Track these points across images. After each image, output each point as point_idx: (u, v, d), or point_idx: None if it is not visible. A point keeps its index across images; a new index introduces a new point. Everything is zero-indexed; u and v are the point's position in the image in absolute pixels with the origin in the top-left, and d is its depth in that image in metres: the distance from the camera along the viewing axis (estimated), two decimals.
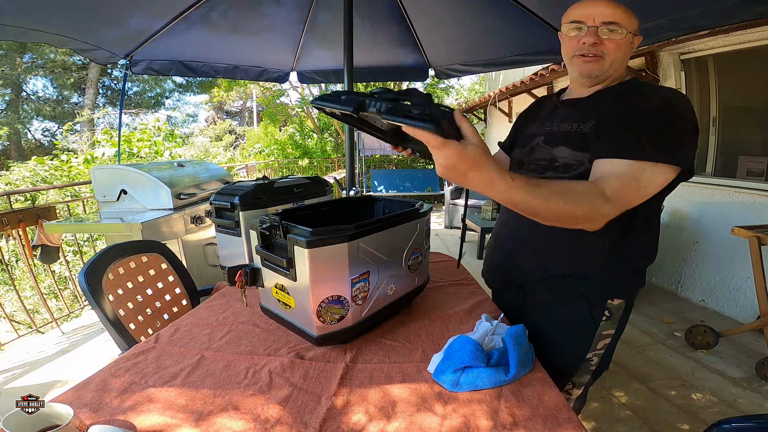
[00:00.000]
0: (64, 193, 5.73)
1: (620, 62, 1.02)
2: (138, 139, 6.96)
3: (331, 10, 2.82)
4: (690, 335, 2.68)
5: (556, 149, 1.07)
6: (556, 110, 1.15)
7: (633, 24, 1.00)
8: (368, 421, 0.78)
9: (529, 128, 1.23)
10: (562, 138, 1.07)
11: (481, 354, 0.89)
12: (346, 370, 0.94)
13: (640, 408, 2.04)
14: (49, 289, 4.85)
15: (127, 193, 2.50)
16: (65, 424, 0.65)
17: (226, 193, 1.39)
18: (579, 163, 1.01)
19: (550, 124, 1.13)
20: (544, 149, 1.11)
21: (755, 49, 3.04)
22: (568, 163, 1.03)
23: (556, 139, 1.09)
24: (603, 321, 1.10)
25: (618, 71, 1.04)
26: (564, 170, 1.04)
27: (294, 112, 14.26)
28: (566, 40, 1.05)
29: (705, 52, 3.41)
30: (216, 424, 0.76)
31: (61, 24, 2.24)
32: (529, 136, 1.20)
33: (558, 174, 1.05)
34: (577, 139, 1.03)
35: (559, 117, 1.12)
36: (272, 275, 1.01)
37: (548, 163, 1.09)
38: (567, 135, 1.06)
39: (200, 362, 0.98)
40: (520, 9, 2.55)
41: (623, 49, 1.00)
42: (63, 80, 15.21)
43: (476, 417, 0.78)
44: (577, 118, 1.05)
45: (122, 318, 1.34)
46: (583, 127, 1.02)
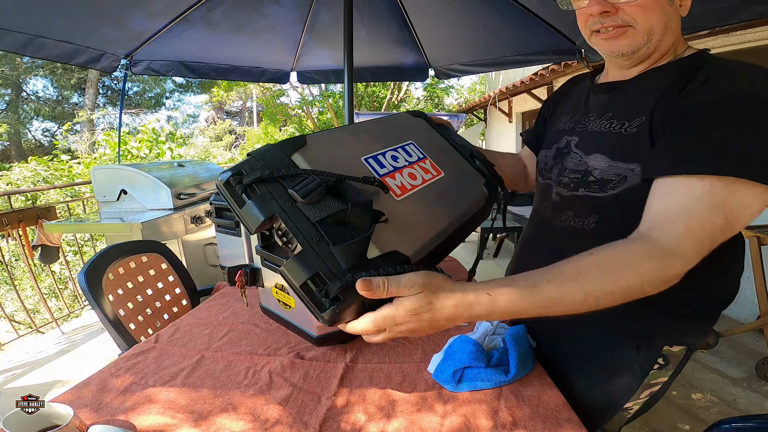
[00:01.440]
0: (65, 193, 5.73)
1: (661, 29, 0.74)
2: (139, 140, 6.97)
3: (331, 9, 2.82)
4: None
5: (590, 157, 0.80)
6: (590, 98, 0.88)
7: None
8: (368, 420, 0.78)
9: (557, 121, 0.96)
10: (598, 141, 0.80)
11: (481, 354, 0.89)
12: (346, 370, 0.94)
13: None
14: (49, 289, 4.86)
15: (127, 193, 2.50)
16: (65, 424, 0.65)
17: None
18: (620, 178, 0.75)
19: (585, 119, 0.86)
20: (575, 156, 0.84)
21: (755, 49, 3.04)
22: (605, 179, 0.77)
23: (591, 143, 0.82)
24: (654, 370, 0.84)
25: (666, 42, 0.76)
26: (600, 188, 0.79)
27: (294, 112, 14.26)
28: (578, 14, 0.81)
29: None
30: (216, 424, 0.76)
31: (61, 26, 2.25)
32: (556, 132, 0.94)
33: (592, 193, 0.80)
34: (617, 143, 0.76)
35: (596, 108, 0.85)
36: (272, 275, 1.01)
37: (580, 177, 0.82)
38: (604, 137, 0.79)
39: (200, 362, 0.98)
40: (520, 9, 2.55)
41: (656, 9, 0.72)
42: (63, 80, 15.22)
43: (476, 417, 0.78)
44: (619, 111, 0.79)
45: (122, 318, 1.34)
46: (628, 125, 0.75)
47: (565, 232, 0.87)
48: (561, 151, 0.89)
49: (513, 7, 2.55)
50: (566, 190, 0.86)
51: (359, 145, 0.71)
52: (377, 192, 0.61)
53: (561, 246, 0.84)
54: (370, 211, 0.54)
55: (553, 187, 0.91)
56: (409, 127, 0.84)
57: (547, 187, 0.94)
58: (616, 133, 0.77)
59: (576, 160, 0.84)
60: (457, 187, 0.74)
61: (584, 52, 2.73)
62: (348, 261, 0.51)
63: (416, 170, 0.73)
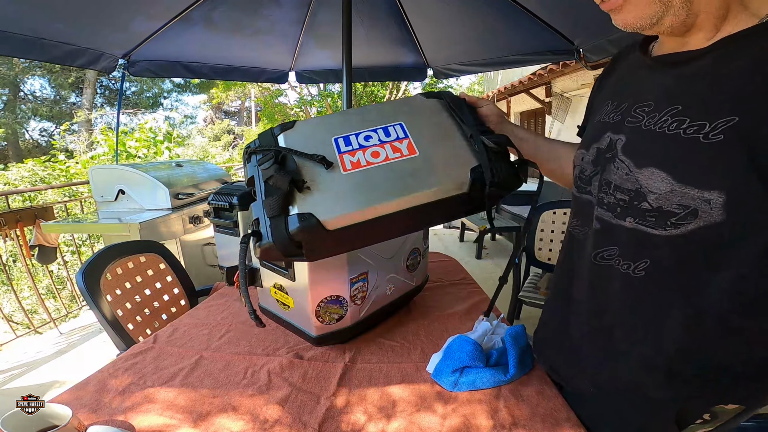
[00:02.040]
0: (63, 193, 5.72)
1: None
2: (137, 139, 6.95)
3: (330, 9, 2.82)
4: None
5: (644, 172, 0.57)
6: (644, 75, 0.64)
7: None
8: (367, 420, 0.78)
9: (600, 107, 0.73)
10: (658, 148, 0.56)
11: (480, 354, 0.89)
12: (345, 370, 0.94)
13: None
14: (47, 290, 4.84)
15: (125, 193, 2.50)
16: (64, 424, 0.65)
17: (224, 193, 1.39)
18: (688, 212, 0.53)
19: (637, 109, 0.61)
20: (622, 167, 0.60)
21: None
22: (667, 210, 0.55)
23: (646, 149, 0.58)
24: (697, 423, 0.66)
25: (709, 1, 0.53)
26: (658, 222, 0.56)
27: (292, 111, 14.25)
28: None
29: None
30: (215, 424, 0.76)
31: (62, 28, 2.25)
32: (597, 126, 0.71)
33: (645, 227, 0.58)
34: (689, 155, 0.52)
35: (654, 93, 0.59)
36: (271, 275, 1.01)
37: (629, 199, 0.59)
38: (667, 143, 0.55)
39: (199, 362, 0.98)
40: (518, 8, 2.56)
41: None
42: (61, 80, 15.17)
43: (476, 417, 0.78)
44: (691, 102, 0.53)
45: (120, 318, 1.34)
46: (709, 128, 0.50)
47: (606, 275, 0.67)
48: (602, 155, 0.66)
49: (511, 7, 2.55)
50: (611, 216, 0.64)
51: (341, 127, 0.78)
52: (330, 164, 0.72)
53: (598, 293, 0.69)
54: (287, 178, 0.67)
55: (594, 206, 0.68)
56: (415, 108, 0.83)
57: (585, 206, 0.72)
58: (688, 139, 0.52)
59: (623, 173, 0.60)
60: (428, 169, 0.72)
61: (582, 52, 2.74)
62: (271, 212, 0.67)
63: (385, 149, 0.74)
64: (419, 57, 3.51)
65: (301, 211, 0.66)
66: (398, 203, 0.69)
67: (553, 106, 5.78)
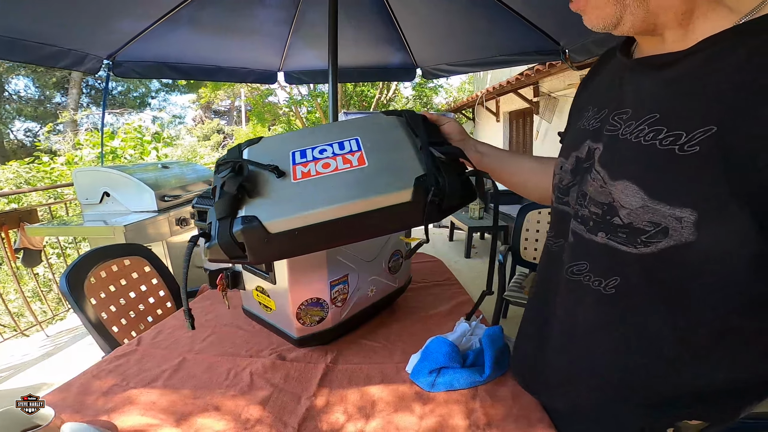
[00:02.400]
0: (47, 195, 5.65)
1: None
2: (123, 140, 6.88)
3: (317, 9, 2.83)
4: None
5: (617, 185, 0.53)
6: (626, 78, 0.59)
7: None
8: (347, 420, 0.80)
9: (581, 113, 0.68)
10: (632, 158, 0.53)
11: (457, 355, 0.91)
12: (327, 370, 0.96)
13: None
14: (33, 292, 4.79)
15: (110, 196, 2.49)
16: (46, 424, 0.67)
17: (207, 196, 1.39)
18: (659, 230, 0.50)
19: (616, 116, 0.57)
20: (598, 178, 0.58)
21: None
22: (638, 227, 0.52)
23: (621, 159, 0.55)
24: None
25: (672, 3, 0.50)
26: (629, 239, 0.54)
27: (282, 111, 14.20)
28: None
29: None
30: (196, 424, 0.78)
31: (45, 29, 2.24)
32: (577, 133, 0.67)
33: (616, 243, 0.55)
34: (663, 167, 0.49)
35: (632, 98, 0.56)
36: (253, 278, 1.03)
37: (602, 213, 0.57)
38: (642, 154, 0.51)
39: (182, 364, 0.99)
40: (504, 9, 2.59)
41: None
42: (45, 80, 14.96)
43: (452, 417, 0.79)
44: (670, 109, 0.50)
45: (105, 321, 1.34)
46: (686, 139, 0.46)
47: (579, 291, 0.64)
48: (581, 165, 0.62)
49: (498, 7, 2.58)
50: (584, 230, 0.61)
51: (300, 142, 0.83)
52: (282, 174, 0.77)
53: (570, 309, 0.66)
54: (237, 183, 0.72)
55: (570, 219, 0.66)
56: (374, 124, 0.86)
57: (563, 217, 0.69)
58: (664, 151, 0.48)
59: (598, 185, 0.57)
60: (374, 178, 0.74)
61: (568, 52, 2.78)
62: (219, 214, 0.72)
63: (336, 161, 0.77)
64: (408, 57, 3.53)
65: (247, 214, 0.71)
66: (339, 210, 0.71)
67: (540, 106, 5.84)
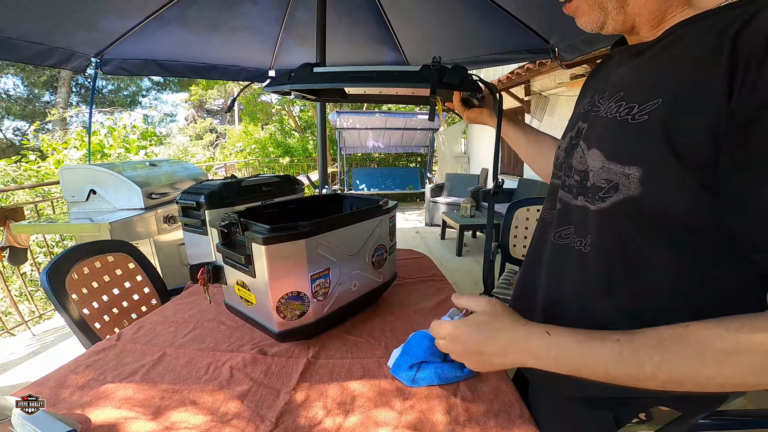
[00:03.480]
0: (34, 193, 5.58)
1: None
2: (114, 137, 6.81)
3: (308, 8, 2.83)
4: None
5: (589, 153, 0.63)
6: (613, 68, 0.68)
7: None
8: (325, 415, 0.79)
9: (581, 100, 0.78)
10: (601, 132, 0.63)
11: (437, 349, 0.91)
12: (308, 365, 0.95)
13: None
14: (20, 291, 4.73)
15: (97, 193, 2.47)
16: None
17: (192, 191, 1.39)
18: (612, 186, 0.57)
19: (600, 99, 0.67)
20: (579, 151, 0.67)
21: None
22: (598, 185, 0.60)
23: (595, 133, 0.64)
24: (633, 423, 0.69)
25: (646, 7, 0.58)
26: (593, 197, 0.61)
27: (274, 110, 14.14)
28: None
29: None
30: (173, 417, 0.77)
31: (31, 27, 2.21)
32: (574, 117, 0.77)
33: (587, 201, 0.63)
34: (618, 134, 0.58)
35: (612, 84, 0.64)
36: (233, 272, 1.02)
37: (580, 179, 0.65)
38: (608, 126, 0.61)
39: (161, 359, 0.98)
40: (495, 8, 2.60)
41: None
42: (33, 78, 14.79)
43: (432, 412, 0.79)
44: (633, 88, 0.59)
45: (86, 317, 1.33)
46: (637, 110, 0.55)
47: (563, 253, 0.71)
48: (571, 142, 0.72)
49: (488, 6, 2.59)
50: (570, 197, 0.69)
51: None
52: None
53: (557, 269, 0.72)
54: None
55: (558, 189, 0.74)
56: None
57: (554, 190, 0.77)
58: (621, 121, 0.57)
59: (578, 156, 0.67)
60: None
61: (558, 51, 2.79)
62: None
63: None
64: (399, 55, 3.53)
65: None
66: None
67: (531, 105, 5.87)
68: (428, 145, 9.44)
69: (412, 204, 9.51)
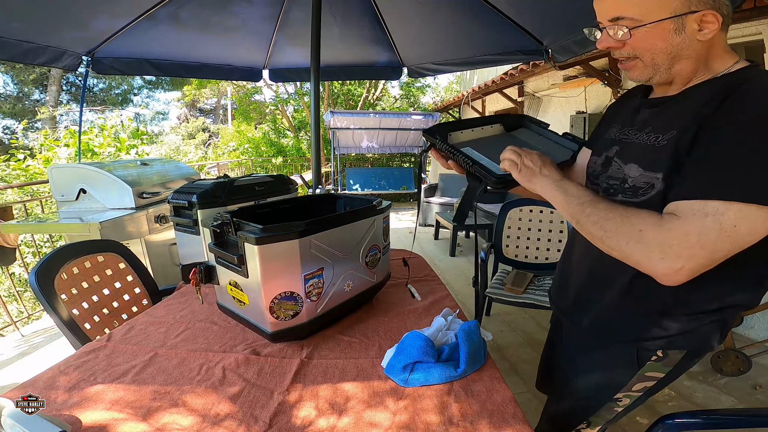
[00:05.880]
0: (23, 192, 5.51)
1: (667, 60, 0.80)
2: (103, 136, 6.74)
3: (302, 7, 2.82)
4: None
5: (627, 167, 0.87)
6: (638, 111, 0.93)
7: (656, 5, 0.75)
8: (318, 415, 0.79)
9: (609, 131, 1.01)
10: (636, 152, 0.86)
11: (431, 349, 0.91)
12: (301, 365, 0.95)
13: None
14: (9, 292, 4.67)
15: (87, 193, 2.44)
16: None
17: (184, 191, 1.38)
18: (649, 186, 0.81)
19: (629, 131, 0.92)
20: (616, 165, 0.91)
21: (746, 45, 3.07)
22: (637, 186, 0.84)
23: (630, 153, 0.88)
24: (651, 361, 0.91)
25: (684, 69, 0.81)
26: (633, 194, 0.84)
27: (268, 109, 14.08)
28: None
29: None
30: (164, 419, 0.76)
31: (22, 25, 2.19)
32: (606, 141, 0.99)
33: (628, 198, 0.86)
34: (650, 154, 0.82)
35: (640, 122, 0.90)
36: (226, 272, 1.01)
37: (619, 184, 0.88)
38: (641, 149, 0.85)
39: (153, 359, 0.97)
40: (490, 9, 2.61)
41: (660, 42, 0.78)
42: (23, 76, 14.61)
43: (426, 412, 0.79)
44: (657, 126, 0.84)
45: (76, 317, 1.31)
46: (660, 139, 0.80)
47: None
48: (609, 160, 0.95)
49: (483, 7, 2.60)
50: (607, 196, 0.91)
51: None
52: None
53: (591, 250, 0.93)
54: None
55: (599, 192, 0.94)
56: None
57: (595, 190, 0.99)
58: (650, 146, 0.83)
59: (616, 168, 0.91)
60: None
61: (551, 52, 2.80)
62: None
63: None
64: (394, 56, 3.53)
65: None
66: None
67: (525, 106, 5.90)
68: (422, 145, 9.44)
69: (406, 204, 9.51)
